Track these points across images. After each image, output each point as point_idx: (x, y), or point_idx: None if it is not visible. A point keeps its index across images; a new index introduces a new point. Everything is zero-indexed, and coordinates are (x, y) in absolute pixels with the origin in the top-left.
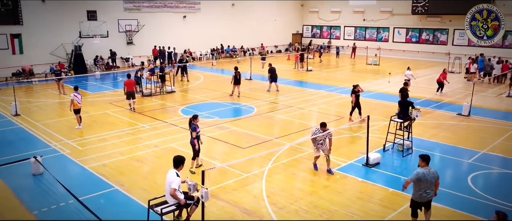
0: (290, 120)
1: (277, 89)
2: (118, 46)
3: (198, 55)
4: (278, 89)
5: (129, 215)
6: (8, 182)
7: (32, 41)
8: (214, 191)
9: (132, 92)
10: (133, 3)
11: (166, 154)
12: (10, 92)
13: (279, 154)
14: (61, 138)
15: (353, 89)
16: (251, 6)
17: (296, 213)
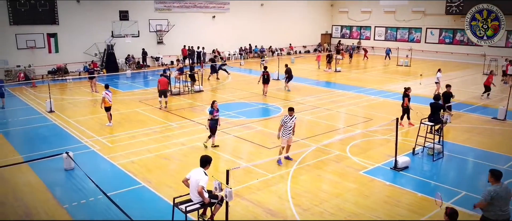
0: (317, 121)
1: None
2: (149, 45)
3: (227, 55)
4: (289, 89)
5: (155, 212)
6: (42, 176)
7: (67, 40)
8: (238, 191)
9: (165, 91)
10: (164, 3)
11: (192, 152)
12: (46, 90)
13: (305, 155)
14: (92, 134)
15: (404, 93)
16: (280, 6)
17: (321, 215)
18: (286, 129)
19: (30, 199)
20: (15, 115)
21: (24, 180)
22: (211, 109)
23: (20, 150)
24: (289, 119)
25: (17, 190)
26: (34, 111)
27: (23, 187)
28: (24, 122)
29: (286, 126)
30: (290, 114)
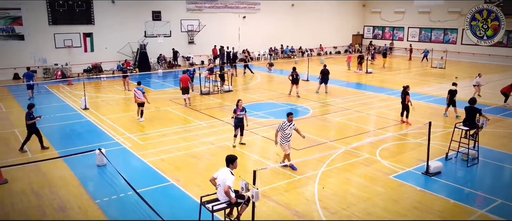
0: (347, 123)
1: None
2: (180, 45)
3: (256, 55)
4: (327, 91)
5: (183, 210)
6: (75, 171)
7: (102, 39)
8: (265, 191)
9: (186, 88)
10: (195, 4)
11: (221, 151)
12: (81, 88)
13: (333, 157)
14: (124, 132)
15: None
16: (310, 6)
17: (349, 219)
18: (285, 135)
19: (65, 193)
20: (52, 112)
21: (59, 174)
22: (235, 108)
23: (56, 145)
24: (287, 125)
25: (53, 184)
26: (69, 108)
27: (58, 181)
28: (60, 118)
29: (283, 133)
30: (289, 119)
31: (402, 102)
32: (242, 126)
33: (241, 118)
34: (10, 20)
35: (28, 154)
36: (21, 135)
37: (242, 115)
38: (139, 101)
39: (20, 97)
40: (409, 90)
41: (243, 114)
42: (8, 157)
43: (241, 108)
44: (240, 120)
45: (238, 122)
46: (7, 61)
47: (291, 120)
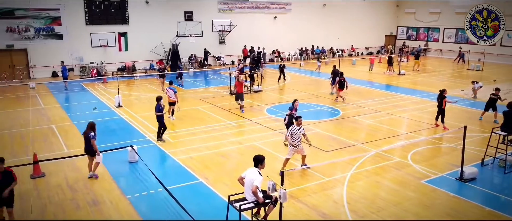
0: (378, 126)
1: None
2: (211, 45)
3: (287, 56)
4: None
5: (211, 208)
6: (108, 166)
7: (136, 39)
8: (293, 192)
9: (241, 94)
10: (227, 4)
11: (249, 151)
12: (115, 86)
13: (363, 160)
14: (156, 130)
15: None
16: (342, 6)
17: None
18: (295, 140)
19: (98, 188)
20: (87, 109)
21: None
22: (291, 106)
23: None
24: (297, 130)
25: (86, 179)
26: (104, 105)
27: None
28: (94, 115)
29: (293, 137)
30: (298, 123)
31: (438, 106)
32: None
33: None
34: (49, 20)
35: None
36: (58, 130)
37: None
38: (170, 101)
39: (58, 94)
40: (446, 94)
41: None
42: (46, 151)
43: (296, 109)
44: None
45: (291, 120)
46: (46, 60)
47: (299, 123)
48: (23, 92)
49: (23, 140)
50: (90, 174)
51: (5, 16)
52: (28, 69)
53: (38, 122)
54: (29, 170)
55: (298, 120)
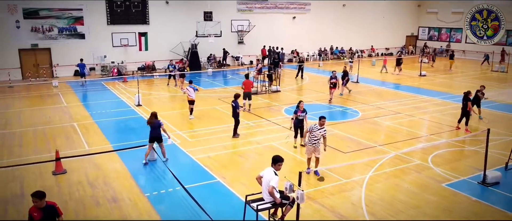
0: (397, 127)
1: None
2: (230, 45)
3: (305, 56)
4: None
5: (228, 207)
6: (128, 164)
7: (156, 39)
8: (310, 193)
9: (249, 93)
10: (246, 4)
11: (267, 151)
12: (135, 85)
13: (382, 162)
14: (174, 128)
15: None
16: (363, 6)
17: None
18: (312, 137)
19: (117, 185)
20: (108, 107)
21: (113, 167)
22: (295, 109)
23: (110, 139)
24: (316, 128)
25: (107, 176)
26: (124, 104)
27: (112, 173)
28: (115, 113)
29: (311, 134)
30: (320, 123)
31: (462, 108)
32: (302, 127)
33: (301, 119)
34: (72, 20)
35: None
36: (79, 128)
37: (302, 117)
38: (189, 99)
39: (80, 93)
40: (471, 96)
41: (304, 116)
42: (67, 148)
43: (302, 110)
44: (300, 121)
45: (298, 123)
46: (69, 59)
47: (322, 124)
48: (46, 90)
49: (46, 136)
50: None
51: (30, 16)
52: (51, 68)
53: (60, 120)
54: (51, 167)
55: (321, 120)
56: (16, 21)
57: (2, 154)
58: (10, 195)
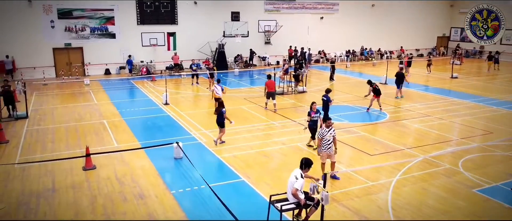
0: (427, 130)
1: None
2: (257, 45)
3: (333, 57)
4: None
5: (252, 207)
6: (154, 161)
7: (184, 39)
8: (335, 195)
9: (272, 93)
10: (273, 5)
11: (292, 152)
12: (163, 84)
13: (410, 166)
14: (200, 127)
15: None
16: (392, 6)
17: None
18: (325, 142)
19: (144, 182)
20: (136, 105)
21: (140, 164)
22: (309, 111)
23: (138, 137)
24: (326, 132)
25: (134, 173)
26: (152, 102)
27: (139, 170)
28: (143, 112)
29: (324, 139)
30: (327, 125)
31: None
32: (317, 128)
33: (316, 120)
34: (104, 20)
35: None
36: (108, 125)
37: (316, 117)
38: (216, 97)
39: (110, 91)
40: None
41: (318, 116)
42: (97, 145)
43: (315, 111)
44: (314, 122)
45: (313, 124)
46: (100, 58)
47: (329, 125)
48: (78, 88)
49: (77, 133)
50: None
51: (64, 16)
52: (83, 67)
53: (91, 117)
54: (82, 162)
55: (327, 122)
56: (51, 21)
57: (36, 149)
58: (43, 189)
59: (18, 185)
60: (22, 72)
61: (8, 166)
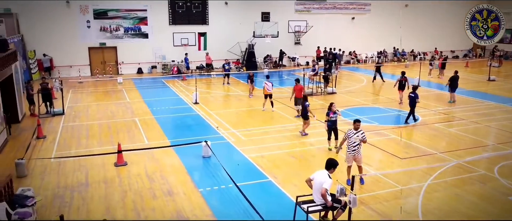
0: (461, 134)
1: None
2: (286, 46)
3: (363, 58)
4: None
5: (279, 207)
6: (183, 159)
7: (214, 39)
8: (363, 198)
9: (300, 99)
10: (304, 5)
11: (320, 153)
12: (193, 83)
13: (442, 170)
14: (229, 127)
15: None
16: (427, 6)
17: None
18: (350, 144)
19: (173, 179)
20: (167, 104)
21: (169, 162)
22: (328, 111)
23: (168, 135)
24: (353, 133)
25: (163, 170)
26: (182, 101)
27: (168, 167)
28: (173, 110)
29: (349, 140)
30: (355, 127)
31: None
32: (335, 129)
33: (334, 121)
34: (137, 20)
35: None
36: (140, 123)
37: (334, 118)
38: (267, 93)
39: (142, 90)
40: None
41: (336, 117)
42: (129, 142)
43: (334, 112)
44: (333, 122)
45: (331, 125)
46: (133, 57)
47: (357, 127)
48: (112, 86)
49: (109, 130)
50: (302, 132)
51: (100, 17)
52: (117, 66)
53: (123, 115)
54: (114, 158)
55: (355, 123)
56: (87, 21)
57: (71, 144)
58: (77, 183)
59: (54, 178)
60: (59, 70)
61: (45, 160)
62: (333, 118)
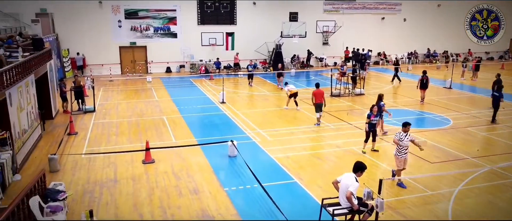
0: (494, 139)
1: None
2: (314, 46)
3: (393, 59)
4: None
5: (304, 209)
6: (209, 158)
7: (242, 39)
8: (391, 203)
9: (320, 104)
10: (333, 5)
11: (346, 155)
12: (220, 83)
13: (474, 176)
14: (255, 127)
15: None
16: (460, 6)
17: None
18: (403, 148)
19: (199, 178)
20: (195, 103)
21: (196, 160)
22: (369, 113)
23: (195, 133)
24: (404, 136)
25: (190, 168)
26: (209, 100)
27: (195, 166)
28: (200, 109)
29: (401, 144)
30: (405, 130)
31: None
32: (375, 131)
33: (375, 123)
34: (167, 20)
35: None
36: (168, 122)
37: (375, 121)
38: (292, 92)
39: (170, 88)
40: None
41: (377, 120)
42: (157, 140)
43: (376, 114)
44: (373, 125)
45: (371, 127)
46: (162, 56)
47: (406, 131)
48: (141, 85)
49: (138, 128)
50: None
51: (131, 16)
52: (146, 65)
53: (152, 113)
54: (142, 156)
55: (406, 127)
56: (118, 21)
57: (101, 141)
58: (106, 179)
59: (84, 174)
60: (91, 68)
61: (76, 155)
62: (374, 121)
